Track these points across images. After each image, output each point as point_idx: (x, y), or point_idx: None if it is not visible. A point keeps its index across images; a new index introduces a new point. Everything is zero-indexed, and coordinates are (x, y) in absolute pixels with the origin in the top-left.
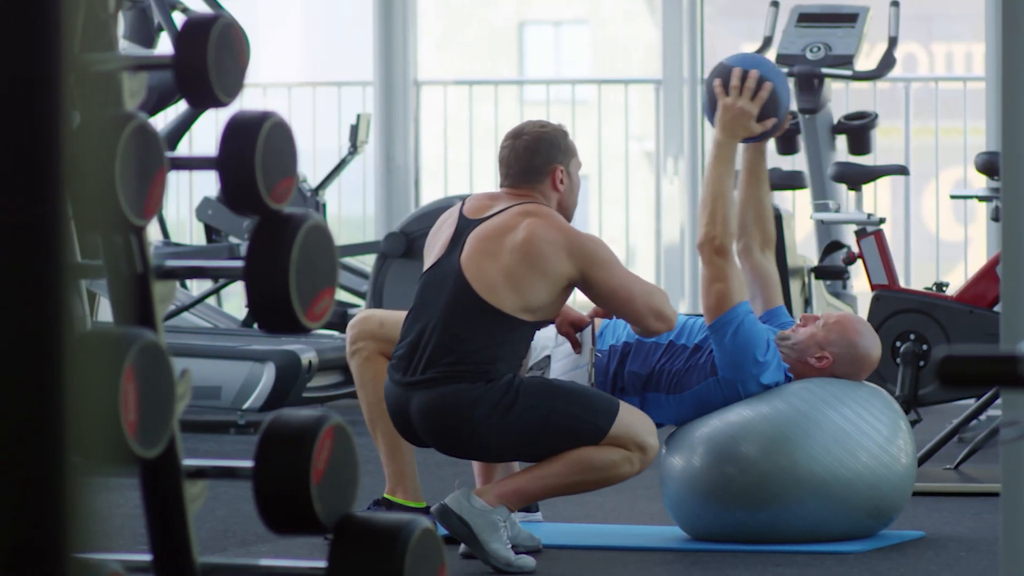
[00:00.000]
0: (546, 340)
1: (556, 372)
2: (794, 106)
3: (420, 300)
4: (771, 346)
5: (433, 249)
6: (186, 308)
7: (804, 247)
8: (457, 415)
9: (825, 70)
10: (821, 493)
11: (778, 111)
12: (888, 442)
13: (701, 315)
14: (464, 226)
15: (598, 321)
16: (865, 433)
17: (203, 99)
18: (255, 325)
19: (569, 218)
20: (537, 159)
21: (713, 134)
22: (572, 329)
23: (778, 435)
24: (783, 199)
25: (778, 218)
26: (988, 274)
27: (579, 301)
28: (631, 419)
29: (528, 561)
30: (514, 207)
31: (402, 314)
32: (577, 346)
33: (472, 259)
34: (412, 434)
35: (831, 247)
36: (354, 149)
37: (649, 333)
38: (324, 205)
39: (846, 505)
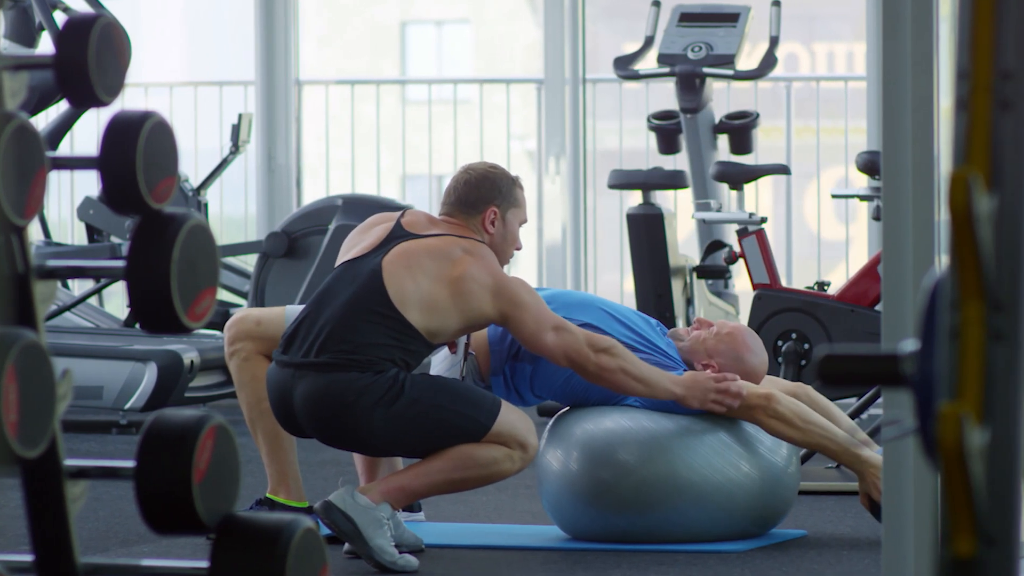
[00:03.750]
0: None
1: (435, 371)
2: (675, 106)
3: (328, 287)
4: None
5: (357, 245)
6: (68, 308)
7: (686, 246)
8: (342, 404)
9: (706, 69)
10: (701, 502)
11: None
12: (771, 452)
13: (649, 319)
14: (398, 234)
15: None
16: (747, 443)
17: (84, 99)
18: (137, 325)
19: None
20: (474, 194)
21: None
22: None
23: (656, 443)
24: (665, 198)
25: (660, 218)
26: (869, 273)
27: None
28: (512, 418)
29: (411, 560)
30: (453, 236)
31: (279, 310)
32: (453, 347)
33: (394, 264)
34: (292, 421)
35: (713, 246)
36: (236, 149)
37: (588, 379)
38: (206, 205)
39: (727, 513)
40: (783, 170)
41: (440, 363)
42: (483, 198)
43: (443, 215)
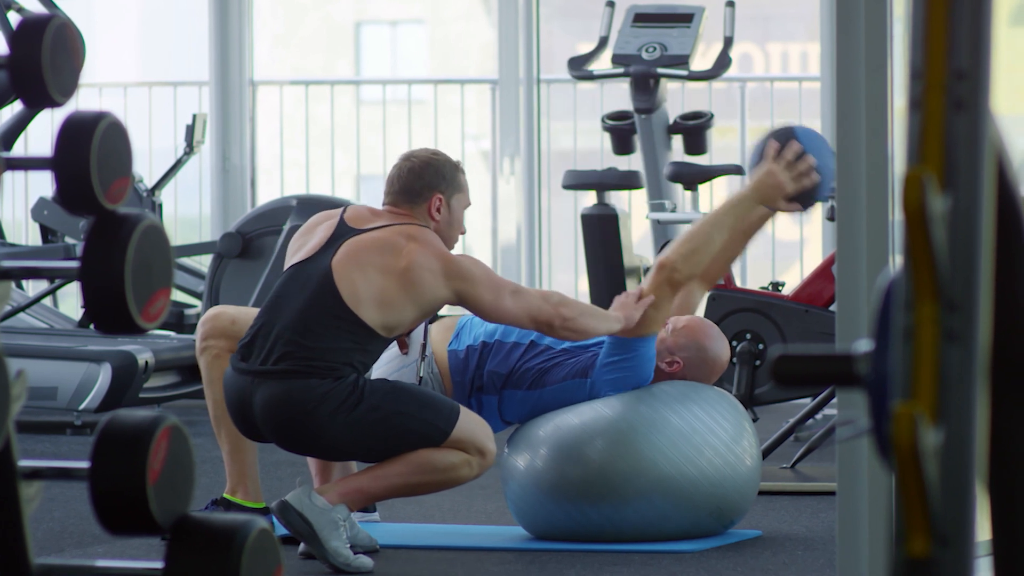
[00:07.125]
0: None
1: (382, 373)
2: (630, 107)
3: (280, 293)
4: (651, 377)
5: (304, 247)
6: (22, 309)
7: (640, 247)
8: (303, 410)
9: (661, 70)
10: (665, 489)
11: (809, 202)
12: (733, 442)
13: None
14: (343, 232)
15: (452, 323)
16: (712, 431)
17: (38, 99)
18: (91, 326)
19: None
20: (418, 182)
21: (745, 185)
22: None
23: (626, 428)
24: (619, 199)
25: (615, 218)
26: (824, 274)
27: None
28: (471, 424)
29: (366, 561)
30: (396, 226)
31: (255, 311)
32: (404, 347)
33: (344, 265)
34: (251, 425)
35: (667, 247)
36: (190, 149)
37: (555, 336)
38: (160, 205)
39: (689, 503)
40: (737, 170)
41: (386, 364)
42: (428, 185)
43: (387, 205)
